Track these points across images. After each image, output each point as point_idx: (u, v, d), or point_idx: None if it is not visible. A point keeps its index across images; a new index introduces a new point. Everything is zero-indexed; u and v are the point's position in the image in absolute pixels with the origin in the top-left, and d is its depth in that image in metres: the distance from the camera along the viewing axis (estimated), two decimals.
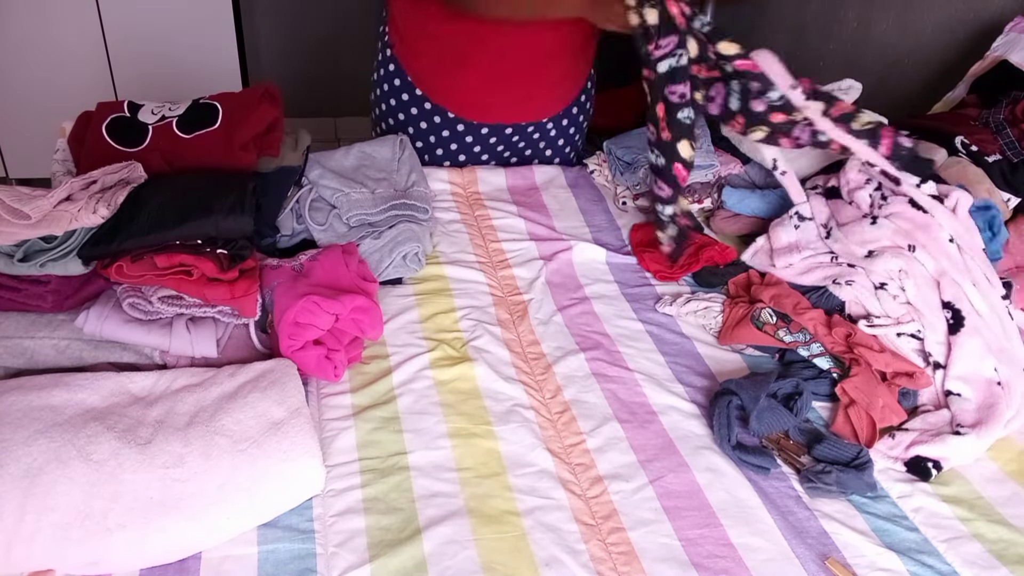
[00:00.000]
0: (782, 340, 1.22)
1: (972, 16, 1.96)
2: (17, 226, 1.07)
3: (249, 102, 1.35)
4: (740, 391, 1.11)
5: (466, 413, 1.11)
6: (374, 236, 1.36)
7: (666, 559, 0.94)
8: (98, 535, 0.86)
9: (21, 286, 1.09)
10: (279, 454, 0.95)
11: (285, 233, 1.38)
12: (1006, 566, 0.97)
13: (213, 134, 1.31)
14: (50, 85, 2.77)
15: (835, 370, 1.19)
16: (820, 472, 1.04)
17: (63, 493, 0.87)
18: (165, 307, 1.10)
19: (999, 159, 1.49)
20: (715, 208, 1.61)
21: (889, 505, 1.04)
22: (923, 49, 2.09)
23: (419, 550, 0.92)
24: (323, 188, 1.42)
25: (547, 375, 1.20)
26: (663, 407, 1.15)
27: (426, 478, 1.01)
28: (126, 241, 1.09)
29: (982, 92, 1.74)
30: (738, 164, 1.62)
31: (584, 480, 1.04)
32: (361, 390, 1.14)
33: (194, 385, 1.04)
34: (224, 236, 1.13)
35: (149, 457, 0.91)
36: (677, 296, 1.36)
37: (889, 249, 1.26)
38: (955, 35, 2.00)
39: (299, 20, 3.14)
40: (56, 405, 0.97)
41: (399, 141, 1.55)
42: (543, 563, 0.93)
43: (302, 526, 0.95)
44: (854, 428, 1.12)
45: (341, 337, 1.15)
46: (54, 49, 2.71)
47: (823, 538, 0.98)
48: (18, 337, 1.08)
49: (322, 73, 3.15)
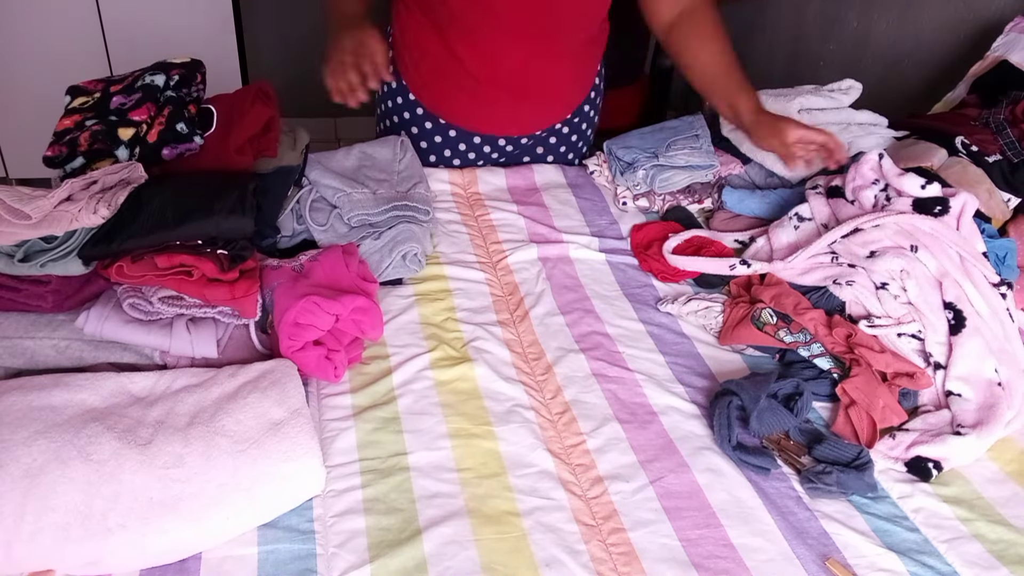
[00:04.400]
0: (782, 340, 1.22)
1: (972, 16, 1.96)
2: (17, 226, 1.07)
3: (243, 103, 1.35)
4: (740, 391, 1.11)
5: (466, 413, 1.11)
6: (374, 236, 1.36)
7: (666, 559, 0.94)
8: (98, 535, 0.86)
9: (21, 286, 1.09)
10: (279, 454, 0.95)
11: (285, 233, 1.38)
12: (1006, 566, 0.97)
13: (208, 138, 1.31)
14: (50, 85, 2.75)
15: (835, 370, 1.19)
16: (820, 472, 1.04)
17: (63, 493, 0.87)
18: (165, 307, 1.10)
19: (999, 159, 1.49)
20: (715, 208, 1.61)
21: (889, 505, 1.04)
22: (923, 49, 2.09)
23: (419, 550, 0.92)
24: (324, 188, 1.42)
25: (547, 375, 1.20)
26: (663, 407, 1.15)
27: (426, 478, 1.01)
28: (126, 241, 1.09)
29: (982, 92, 1.74)
30: (738, 164, 1.62)
31: (584, 480, 1.04)
32: (361, 390, 1.14)
33: (194, 385, 1.03)
34: (224, 236, 1.13)
35: (149, 457, 0.91)
36: (678, 296, 1.36)
37: (891, 249, 1.26)
38: (955, 35, 2.00)
39: (299, 20, 3.14)
40: (56, 405, 0.96)
41: (400, 142, 1.55)
42: (543, 563, 0.93)
43: (302, 526, 0.95)
44: (854, 428, 1.12)
45: (341, 337, 1.15)
46: (54, 49, 2.71)
47: (823, 538, 0.98)
48: (18, 337, 1.08)
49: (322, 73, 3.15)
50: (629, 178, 1.60)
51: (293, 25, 3.15)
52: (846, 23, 2.33)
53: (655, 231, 1.51)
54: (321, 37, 1.47)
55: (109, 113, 1.29)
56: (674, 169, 1.57)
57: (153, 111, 1.29)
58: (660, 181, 1.57)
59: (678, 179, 1.58)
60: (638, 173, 1.58)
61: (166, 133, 1.28)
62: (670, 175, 1.57)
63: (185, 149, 1.30)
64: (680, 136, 1.61)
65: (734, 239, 1.48)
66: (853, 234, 1.30)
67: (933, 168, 1.47)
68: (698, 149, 1.59)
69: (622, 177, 1.61)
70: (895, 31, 2.17)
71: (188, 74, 1.36)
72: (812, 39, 2.47)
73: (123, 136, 1.25)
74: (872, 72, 2.23)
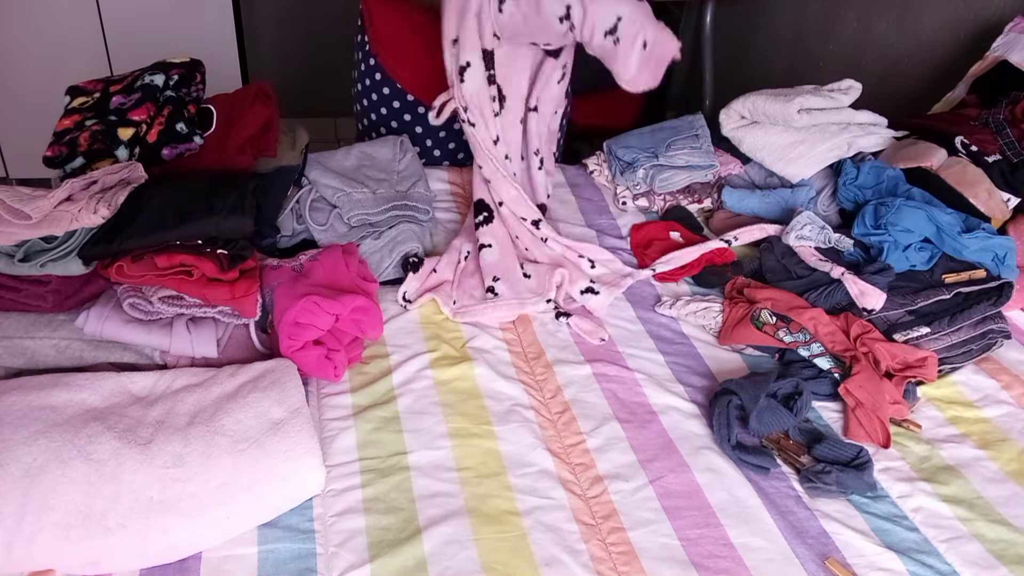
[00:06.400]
0: (782, 340, 1.22)
1: (972, 16, 1.96)
2: (18, 226, 1.07)
3: (242, 103, 1.35)
4: (740, 391, 1.11)
5: (466, 413, 1.11)
6: (374, 236, 1.36)
7: (666, 559, 0.94)
8: (98, 535, 0.86)
9: (22, 286, 1.09)
10: (279, 454, 0.95)
11: (285, 233, 1.38)
12: (1006, 566, 0.97)
13: (207, 138, 1.31)
14: (50, 85, 2.76)
15: (836, 370, 1.19)
16: (820, 472, 1.04)
17: (63, 493, 0.87)
18: (165, 307, 1.10)
19: (999, 159, 1.49)
20: (715, 208, 1.61)
21: (889, 505, 1.04)
22: (923, 49, 2.09)
23: (419, 550, 0.92)
24: (324, 188, 1.42)
25: (547, 375, 1.20)
26: (663, 407, 1.15)
27: (426, 478, 1.01)
28: (126, 241, 1.09)
29: (982, 92, 1.74)
30: (738, 164, 1.62)
31: (584, 480, 1.04)
32: (361, 390, 1.14)
33: (194, 385, 1.04)
34: (224, 236, 1.13)
35: (149, 457, 0.91)
36: (677, 297, 1.36)
37: None
38: (955, 35, 2.00)
39: (299, 20, 3.14)
40: (56, 405, 0.97)
41: (399, 142, 1.55)
42: (543, 563, 0.93)
43: (302, 526, 0.95)
44: (867, 433, 1.12)
45: (341, 337, 1.15)
46: (54, 49, 2.71)
47: (823, 538, 0.98)
48: (18, 337, 1.08)
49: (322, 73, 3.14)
50: (629, 178, 1.60)
51: (293, 25, 3.15)
52: (846, 23, 2.33)
53: (655, 231, 1.52)
54: (321, 37, 1.47)
55: (109, 113, 1.29)
56: (674, 169, 1.58)
57: (153, 111, 1.29)
58: (660, 181, 1.57)
59: (678, 179, 1.58)
60: (638, 173, 1.58)
61: (166, 133, 1.28)
62: (670, 175, 1.57)
63: (185, 149, 1.30)
64: (680, 136, 1.61)
65: (720, 238, 1.47)
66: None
67: (933, 168, 1.47)
68: (698, 149, 1.59)
69: (622, 177, 1.61)
70: (895, 31, 2.16)
71: (188, 74, 1.36)
72: (812, 39, 2.47)
73: (123, 136, 1.26)
74: (872, 72, 2.23)
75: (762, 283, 1.35)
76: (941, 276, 1.31)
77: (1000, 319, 1.27)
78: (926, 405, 1.20)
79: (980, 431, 1.16)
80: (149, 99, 1.30)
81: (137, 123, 1.27)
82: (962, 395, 1.22)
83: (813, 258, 1.36)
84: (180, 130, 1.29)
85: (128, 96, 1.31)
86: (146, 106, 1.28)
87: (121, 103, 1.30)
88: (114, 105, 1.30)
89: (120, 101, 1.31)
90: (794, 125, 1.53)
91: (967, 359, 1.26)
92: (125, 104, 1.30)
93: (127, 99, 1.31)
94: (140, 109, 1.28)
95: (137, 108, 1.28)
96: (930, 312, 1.27)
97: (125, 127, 1.26)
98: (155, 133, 1.28)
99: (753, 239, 1.48)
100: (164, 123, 1.29)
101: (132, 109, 1.28)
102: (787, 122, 1.54)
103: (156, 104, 1.30)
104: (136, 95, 1.31)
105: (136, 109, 1.28)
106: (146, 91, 1.31)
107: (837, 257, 1.37)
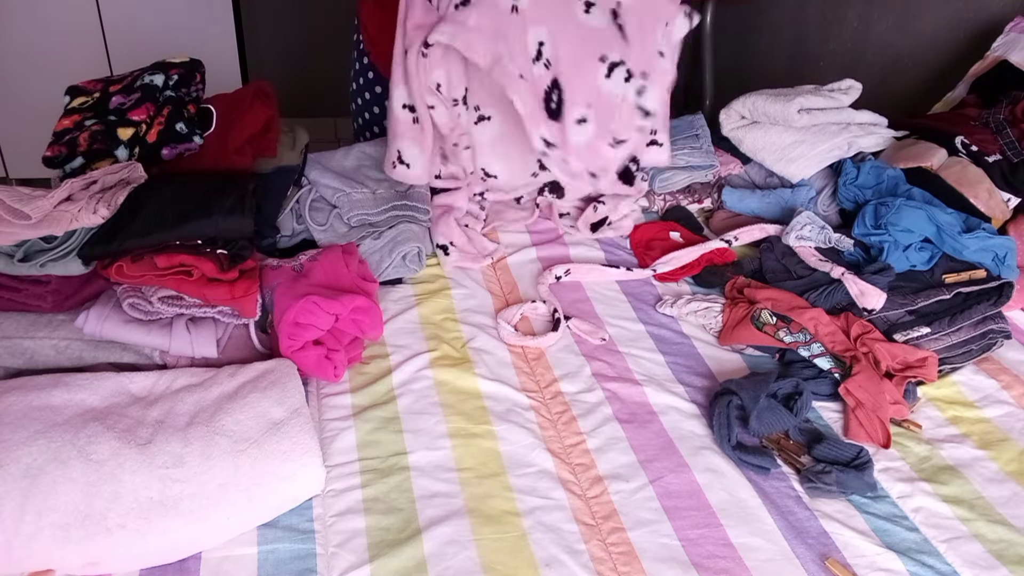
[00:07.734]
0: (782, 340, 1.22)
1: (972, 16, 1.96)
2: (17, 226, 1.07)
3: (242, 103, 1.35)
4: (740, 391, 1.11)
5: (466, 413, 1.11)
6: (374, 236, 1.36)
7: (666, 559, 0.94)
8: (98, 535, 0.86)
9: (21, 286, 1.09)
10: (279, 454, 0.95)
11: (285, 233, 1.38)
12: (1006, 566, 0.97)
13: (207, 138, 1.31)
14: (50, 86, 2.75)
15: (836, 370, 1.19)
16: (820, 472, 1.04)
17: (63, 493, 0.87)
18: (165, 307, 1.10)
19: (999, 159, 1.49)
20: (715, 208, 1.61)
21: (889, 505, 1.04)
22: (923, 49, 2.09)
23: (419, 550, 0.92)
24: (324, 188, 1.42)
25: (547, 375, 1.20)
26: (663, 407, 1.15)
27: (426, 478, 1.01)
28: (126, 241, 1.09)
29: (982, 92, 1.74)
30: (738, 164, 1.62)
31: (584, 480, 1.04)
32: (361, 390, 1.14)
33: (194, 385, 1.03)
34: (224, 236, 1.13)
35: (149, 457, 0.91)
36: (678, 297, 1.36)
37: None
38: (955, 35, 2.00)
39: (299, 20, 3.14)
40: (56, 405, 0.96)
41: None
42: (543, 563, 0.93)
43: (302, 526, 0.95)
44: (868, 433, 1.12)
45: (341, 337, 1.15)
46: (54, 49, 2.71)
47: (823, 538, 0.98)
48: (18, 337, 1.08)
49: (322, 73, 3.14)
50: None
51: (293, 25, 3.15)
52: (846, 23, 2.33)
53: (655, 231, 1.52)
54: (321, 37, 1.46)
55: (108, 113, 1.29)
56: (674, 169, 1.57)
57: (152, 111, 1.29)
58: (660, 181, 1.57)
59: (678, 179, 1.58)
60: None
61: (165, 133, 1.28)
62: (670, 175, 1.57)
63: (184, 149, 1.30)
64: (680, 136, 1.61)
65: (720, 238, 1.47)
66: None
67: (933, 168, 1.47)
68: (698, 149, 1.59)
69: None
70: (895, 31, 2.16)
71: (187, 74, 1.36)
72: (812, 39, 2.47)
73: (122, 136, 1.25)
74: (872, 72, 2.22)
75: (762, 283, 1.35)
76: (941, 276, 1.31)
77: (1000, 319, 1.27)
78: (926, 405, 1.20)
79: (980, 431, 1.16)
80: (149, 99, 1.30)
81: (137, 123, 1.27)
82: (962, 395, 1.22)
83: (813, 258, 1.36)
84: (180, 130, 1.28)
85: (128, 96, 1.31)
86: (146, 106, 1.28)
87: (121, 103, 1.30)
88: (114, 105, 1.30)
89: (120, 101, 1.31)
90: (794, 125, 1.53)
91: (967, 359, 1.26)
92: (125, 104, 1.30)
93: (127, 99, 1.31)
94: (140, 109, 1.28)
95: (137, 108, 1.28)
96: (930, 312, 1.27)
97: (125, 127, 1.26)
98: (155, 133, 1.28)
99: (753, 239, 1.47)
100: (164, 123, 1.28)
101: (132, 109, 1.28)
102: (787, 122, 1.54)
103: (156, 104, 1.30)
104: (136, 95, 1.31)
105: (136, 109, 1.28)
106: (146, 91, 1.31)
107: (837, 257, 1.37)
